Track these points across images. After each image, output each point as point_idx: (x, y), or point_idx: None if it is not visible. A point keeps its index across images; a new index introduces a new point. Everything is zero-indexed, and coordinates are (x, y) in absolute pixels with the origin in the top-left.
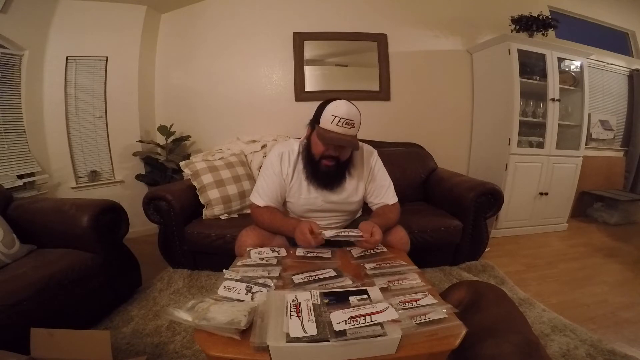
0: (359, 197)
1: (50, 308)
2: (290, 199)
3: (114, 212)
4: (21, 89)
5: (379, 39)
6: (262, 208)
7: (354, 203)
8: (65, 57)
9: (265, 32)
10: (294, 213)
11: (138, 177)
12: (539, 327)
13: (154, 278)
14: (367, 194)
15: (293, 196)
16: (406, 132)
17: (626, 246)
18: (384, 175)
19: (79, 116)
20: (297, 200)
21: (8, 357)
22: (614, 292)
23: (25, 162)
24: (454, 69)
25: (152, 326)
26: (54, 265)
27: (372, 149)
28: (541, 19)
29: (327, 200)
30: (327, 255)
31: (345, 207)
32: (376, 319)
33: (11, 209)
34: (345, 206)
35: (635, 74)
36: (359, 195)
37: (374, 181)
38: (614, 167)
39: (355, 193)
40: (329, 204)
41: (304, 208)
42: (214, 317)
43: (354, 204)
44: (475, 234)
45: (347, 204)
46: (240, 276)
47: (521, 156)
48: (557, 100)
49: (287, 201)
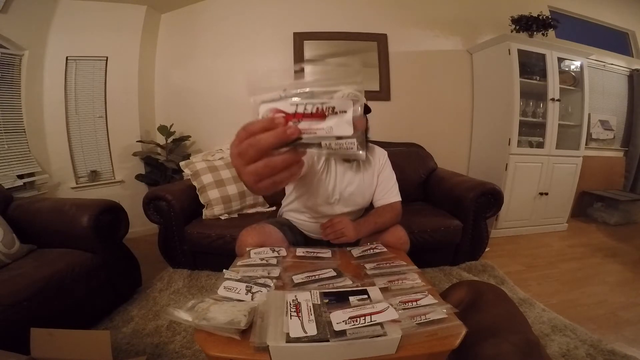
0: (372, 189)
1: (50, 308)
2: (309, 187)
3: (114, 212)
4: (21, 89)
5: (379, 39)
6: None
7: (367, 196)
8: (65, 57)
9: (265, 32)
10: (307, 208)
11: (138, 177)
12: (539, 327)
13: (154, 278)
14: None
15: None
16: (406, 132)
17: (626, 246)
18: (390, 175)
19: (79, 116)
20: (316, 189)
21: (8, 357)
22: (614, 292)
23: (25, 162)
24: (454, 69)
25: (152, 326)
26: (54, 265)
27: (384, 150)
28: (541, 19)
29: (343, 191)
30: (327, 255)
31: (359, 200)
32: (376, 319)
33: (11, 209)
34: (359, 198)
35: (635, 74)
36: (372, 188)
37: (382, 179)
38: (614, 167)
39: (369, 187)
40: (345, 194)
41: (319, 200)
42: (214, 317)
43: (367, 197)
44: (475, 234)
45: (361, 195)
46: (240, 276)
47: (521, 156)
48: (557, 100)
49: (302, 194)
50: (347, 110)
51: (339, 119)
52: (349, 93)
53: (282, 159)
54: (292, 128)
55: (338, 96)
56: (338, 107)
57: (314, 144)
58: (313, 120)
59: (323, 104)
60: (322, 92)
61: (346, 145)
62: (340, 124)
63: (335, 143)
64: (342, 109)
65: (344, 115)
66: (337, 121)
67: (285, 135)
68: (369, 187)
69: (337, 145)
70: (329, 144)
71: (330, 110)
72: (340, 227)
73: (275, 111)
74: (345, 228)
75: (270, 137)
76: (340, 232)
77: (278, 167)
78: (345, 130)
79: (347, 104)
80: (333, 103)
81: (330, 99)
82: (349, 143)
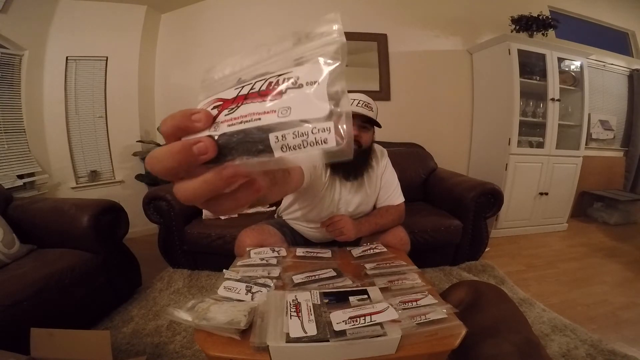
0: (376, 194)
1: (50, 308)
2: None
3: (114, 212)
4: (21, 89)
5: (379, 39)
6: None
7: (372, 203)
8: (65, 57)
9: (265, 32)
10: (309, 220)
11: (138, 177)
12: (539, 327)
13: (154, 278)
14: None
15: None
16: (406, 132)
17: (626, 246)
18: (392, 175)
19: (79, 116)
20: (320, 204)
21: (8, 357)
22: (614, 292)
23: (25, 162)
24: (454, 69)
25: (152, 326)
26: (54, 265)
27: (383, 148)
28: (541, 19)
29: (348, 203)
30: (327, 255)
31: (365, 210)
32: (376, 319)
33: (11, 209)
34: (365, 209)
35: (635, 74)
36: (377, 192)
37: (385, 181)
38: (614, 167)
39: (374, 194)
40: (350, 209)
41: (323, 214)
42: (214, 317)
43: (372, 205)
44: (475, 234)
45: (367, 206)
46: (240, 276)
47: (521, 156)
48: (557, 100)
49: (304, 207)
50: (319, 79)
51: (302, 94)
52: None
53: (201, 185)
54: (203, 142)
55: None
56: (304, 78)
57: (257, 143)
58: (260, 100)
59: (280, 75)
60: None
61: (315, 136)
62: (304, 100)
63: (294, 133)
64: (311, 80)
65: (312, 87)
66: (299, 97)
67: (191, 154)
68: (373, 194)
69: (298, 137)
70: (284, 137)
71: (290, 83)
72: (341, 225)
73: (213, 101)
74: (345, 227)
75: (165, 159)
76: (340, 230)
77: (201, 197)
78: (314, 109)
79: (318, 70)
80: (296, 72)
81: (289, 70)
82: (319, 131)
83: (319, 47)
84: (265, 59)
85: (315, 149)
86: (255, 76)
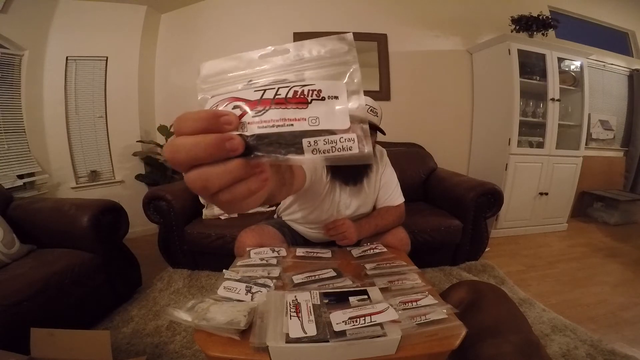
0: (376, 194)
1: (50, 308)
2: (315, 202)
3: (114, 212)
4: (21, 89)
5: (379, 39)
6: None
7: (372, 204)
8: (65, 57)
9: (265, 32)
10: (310, 222)
11: (138, 177)
12: (539, 327)
13: (154, 278)
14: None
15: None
16: (406, 132)
17: (626, 246)
18: (392, 175)
19: (79, 116)
20: (320, 206)
21: (8, 357)
22: (614, 292)
23: (25, 162)
24: (454, 69)
25: (152, 326)
26: (54, 265)
27: (382, 148)
28: (541, 19)
29: (348, 205)
30: (327, 255)
31: (365, 212)
32: (376, 320)
33: (11, 209)
34: (365, 211)
35: (635, 74)
36: (377, 192)
37: (384, 181)
38: (614, 167)
39: (374, 194)
40: (350, 212)
41: (324, 217)
42: (213, 317)
43: (372, 205)
44: (475, 234)
45: (367, 208)
46: (240, 276)
47: (521, 156)
48: (557, 100)
49: (305, 208)
50: (340, 95)
51: (327, 106)
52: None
53: (222, 172)
54: (236, 140)
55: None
56: (326, 91)
57: (289, 146)
58: (289, 107)
59: (304, 86)
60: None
61: (342, 144)
62: (330, 113)
63: (324, 141)
64: (332, 94)
65: (335, 101)
66: (325, 110)
67: (223, 148)
68: (373, 195)
69: (328, 143)
70: (315, 142)
71: (314, 95)
72: (343, 230)
73: (231, 100)
74: (348, 231)
75: (194, 148)
76: (343, 235)
77: (218, 184)
78: (339, 122)
79: (338, 87)
80: (318, 85)
81: (312, 82)
82: (345, 140)
83: (335, 65)
84: (280, 66)
85: (342, 153)
86: (274, 81)
